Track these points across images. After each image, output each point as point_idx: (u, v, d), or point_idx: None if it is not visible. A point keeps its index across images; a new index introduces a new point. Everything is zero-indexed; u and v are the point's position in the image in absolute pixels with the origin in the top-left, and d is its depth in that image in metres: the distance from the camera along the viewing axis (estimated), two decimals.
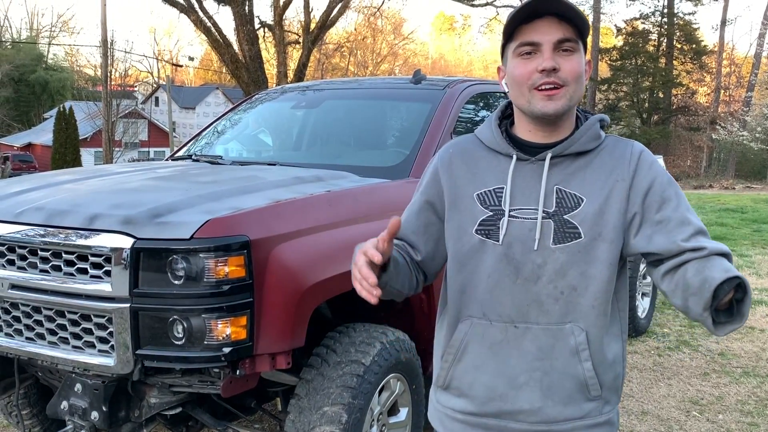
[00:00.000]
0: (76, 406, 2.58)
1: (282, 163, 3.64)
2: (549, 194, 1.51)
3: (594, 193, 1.50)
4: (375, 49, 52.05)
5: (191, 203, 2.57)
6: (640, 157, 1.54)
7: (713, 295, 1.35)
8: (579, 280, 1.49)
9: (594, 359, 1.52)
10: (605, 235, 1.49)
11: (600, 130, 1.57)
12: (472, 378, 1.57)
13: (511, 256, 1.51)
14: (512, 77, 1.52)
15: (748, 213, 14.11)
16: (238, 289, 2.36)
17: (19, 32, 58.39)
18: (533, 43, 1.48)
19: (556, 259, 1.49)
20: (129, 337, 2.37)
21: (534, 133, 1.55)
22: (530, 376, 1.52)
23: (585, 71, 1.52)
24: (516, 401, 1.53)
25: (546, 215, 1.49)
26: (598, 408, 1.55)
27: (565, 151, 1.52)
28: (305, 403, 2.65)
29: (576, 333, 1.50)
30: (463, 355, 1.58)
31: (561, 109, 1.48)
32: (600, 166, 1.53)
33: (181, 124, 52.14)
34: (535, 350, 1.51)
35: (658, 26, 37.31)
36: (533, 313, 1.51)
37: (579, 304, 1.50)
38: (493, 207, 1.53)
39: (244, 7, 16.06)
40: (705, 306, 1.37)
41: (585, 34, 1.51)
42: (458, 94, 3.80)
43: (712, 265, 1.39)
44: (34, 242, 2.55)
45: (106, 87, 29.32)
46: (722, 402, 4.22)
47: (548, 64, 1.45)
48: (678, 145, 35.65)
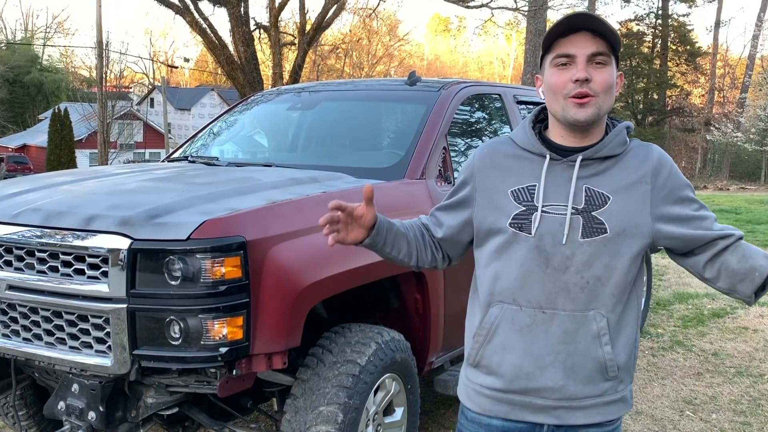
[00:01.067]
0: (73, 407, 2.59)
1: (278, 164, 3.66)
2: (578, 192, 1.66)
3: (619, 192, 1.65)
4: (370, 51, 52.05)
5: (188, 204, 2.59)
6: (660, 161, 1.70)
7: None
8: (603, 271, 1.64)
9: (613, 343, 1.67)
10: (628, 231, 1.64)
11: (626, 137, 1.72)
12: (500, 358, 1.71)
13: (542, 247, 1.65)
14: (548, 85, 1.68)
15: (743, 214, 14.17)
16: (234, 289, 2.38)
17: (13, 33, 58.29)
18: (569, 55, 1.63)
19: (583, 252, 1.63)
20: (126, 337, 2.38)
21: (566, 138, 1.71)
22: (555, 357, 1.66)
23: (616, 83, 1.68)
24: (541, 379, 1.67)
25: (575, 211, 1.64)
26: (614, 387, 1.70)
27: (595, 155, 1.67)
28: (301, 403, 2.66)
29: (598, 319, 1.65)
30: (493, 337, 1.72)
31: (591, 117, 1.63)
32: (625, 168, 1.68)
33: (176, 125, 52.05)
34: (561, 334, 1.65)
35: (652, 28, 37.44)
36: (560, 300, 1.65)
37: (602, 293, 1.65)
38: (526, 203, 1.68)
39: (240, 9, 16.05)
40: (755, 289, 1.66)
41: (617, 49, 1.66)
42: (453, 95, 3.82)
43: (751, 252, 1.67)
44: (32, 243, 2.56)
45: (102, 88, 29.26)
46: (715, 402, 4.25)
47: (581, 75, 1.61)
48: (672, 146, 35.73)
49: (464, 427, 1.82)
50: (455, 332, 3.09)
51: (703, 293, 7.00)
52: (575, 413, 1.69)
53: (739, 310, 6.44)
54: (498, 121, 4.26)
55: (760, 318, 6.18)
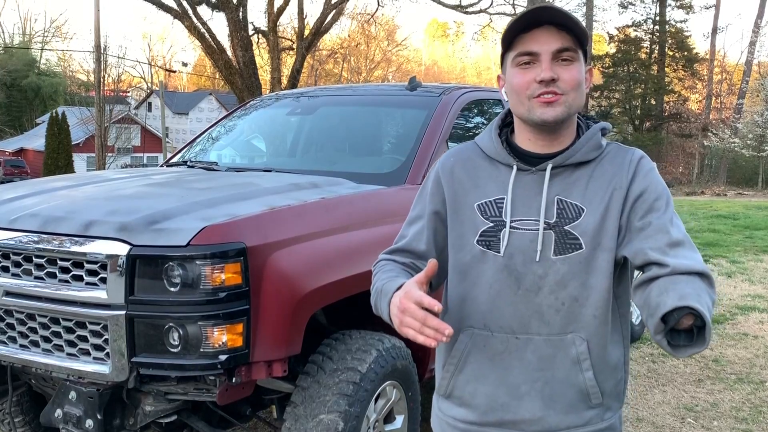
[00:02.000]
0: (70, 414, 2.56)
1: (278, 169, 3.64)
2: (550, 205, 1.50)
3: (594, 202, 1.49)
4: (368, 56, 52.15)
5: (187, 210, 2.57)
6: (638, 164, 1.53)
7: (665, 319, 1.32)
8: (580, 290, 1.49)
9: (595, 368, 1.52)
10: (605, 245, 1.48)
11: (601, 140, 1.56)
12: (473, 388, 1.58)
13: (512, 267, 1.50)
14: (511, 86, 1.51)
15: (740, 219, 14.17)
16: (234, 296, 2.35)
17: (11, 37, 58.28)
18: (532, 53, 1.47)
19: (557, 270, 1.48)
20: (124, 344, 2.36)
21: (534, 142, 1.54)
22: (531, 386, 1.52)
23: (585, 80, 1.52)
24: (518, 411, 1.54)
25: (547, 226, 1.49)
26: (599, 414, 1.56)
27: (566, 161, 1.51)
28: (301, 411, 2.64)
29: (577, 343, 1.50)
30: (464, 366, 1.58)
31: (560, 116, 1.47)
32: (601, 175, 1.52)
33: (174, 129, 52.05)
34: (536, 361, 1.51)
35: (650, 34, 37.55)
36: (534, 324, 1.51)
37: (580, 315, 1.50)
38: (494, 218, 1.53)
39: (238, 13, 16.06)
40: (656, 330, 1.33)
41: (584, 42, 1.50)
42: (454, 101, 3.81)
43: (674, 288, 1.34)
44: (29, 249, 2.54)
45: (99, 92, 29.25)
46: (717, 409, 4.23)
47: (546, 75, 1.45)
48: (670, 151, 35.83)
49: None
50: None
51: None
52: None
53: (739, 316, 6.42)
54: None
55: (760, 324, 6.16)
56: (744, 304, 6.86)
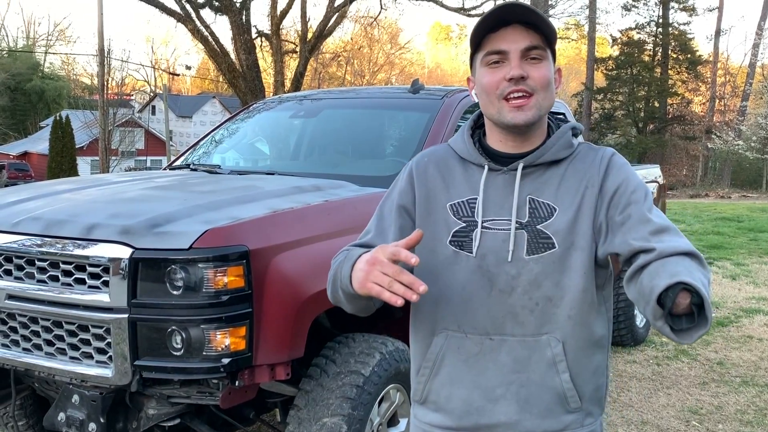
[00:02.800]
0: (73, 418, 2.56)
1: (281, 172, 3.63)
2: (522, 205, 1.49)
3: (566, 201, 1.48)
4: (372, 59, 52.21)
5: (190, 213, 2.56)
6: (610, 162, 1.52)
7: (661, 302, 1.27)
8: (554, 290, 1.47)
9: (572, 370, 1.50)
10: (578, 244, 1.47)
11: (572, 139, 1.55)
12: (448, 392, 1.55)
13: (485, 267, 1.48)
14: (481, 86, 1.51)
15: (745, 222, 14.14)
16: (237, 299, 2.35)
17: (15, 41, 58.44)
18: (500, 52, 1.46)
19: (530, 270, 1.47)
20: (127, 347, 2.35)
21: (505, 143, 1.54)
22: (507, 388, 1.50)
23: (555, 79, 1.52)
24: (493, 414, 1.51)
25: (519, 226, 1.48)
26: (578, 420, 1.53)
27: (536, 161, 1.51)
28: (305, 414, 2.63)
29: (552, 344, 1.48)
30: (439, 369, 1.55)
31: (531, 119, 1.47)
32: (572, 175, 1.51)
33: (177, 132, 52.13)
34: (512, 362, 1.49)
35: (653, 36, 37.48)
36: (509, 324, 1.48)
37: (555, 315, 1.48)
38: (466, 218, 1.52)
39: (242, 17, 16.10)
40: (655, 316, 1.28)
41: (553, 41, 1.50)
42: (456, 103, 3.80)
43: (664, 269, 1.30)
44: (32, 252, 2.53)
45: (103, 96, 29.30)
46: (722, 411, 4.21)
47: (516, 72, 1.44)
48: (674, 154, 35.77)
49: None
50: None
51: None
52: None
53: (744, 318, 6.40)
54: None
55: (765, 327, 6.14)
56: (749, 307, 6.84)
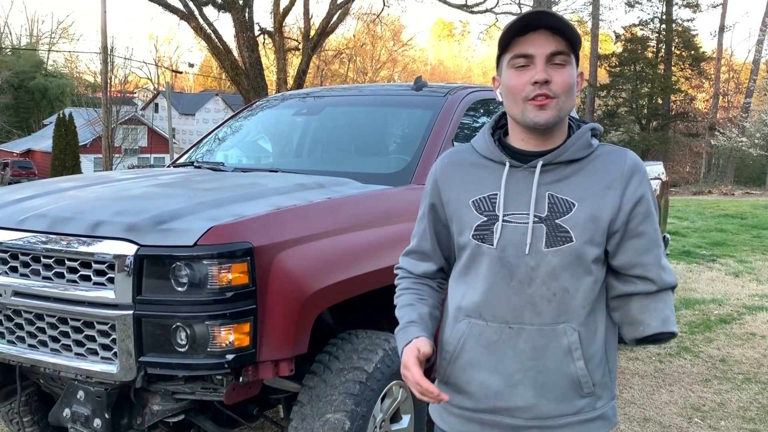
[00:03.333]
0: (78, 414, 2.57)
1: (284, 169, 3.64)
2: (541, 199, 1.57)
3: (586, 198, 1.57)
4: (374, 56, 52.16)
5: (194, 210, 2.58)
6: (634, 169, 1.61)
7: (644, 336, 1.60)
8: (571, 282, 1.56)
9: (586, 357, 1.59)
10: (595, 239, 1.56)
11: (591, 139, 1.63)
12: (468, 376, 1.65)
13: (505, 259, 1.58)
14: (506, 88, 1.59)
15: (748, 219, 14.11)
16: (241, 295, 2.36)
17: (19, 39, 58.52)
18: (527, 55, 1.55)
19: (548, 262, 1.56)
20: (132, 344, 2.37)
21: (527, 141, 1.62)
22: (524, 374, 1.59)
23: (576, 83, 1.60)
24: (510, 398, 1.60)
25: (538, 220, 1.56)
26: (590, 404, 1.62)
27: (556, 159, 1.59)
28: (308, 410, 2.64)
29: (569, 333, 1.57)
30: (460, 354, 1.65)
31: (551, 120, 1.55)
32: (593, 173, 1.59)
33: (180, 130, 52.16)
34: (529, 350, 1.58)
35: (656, 33, 37.43)
36: (527, 314, 1.57)
37: (571, 305, 1.57)
38: (487, 212, 1.61)
39: (244, 14, 16.10)
40: (633, 340, 1.61)
41: (577, 47, 1.58)
42: (459, 100, 3.80)
43: (654, 308, 1.58)
44: (37, 249, 2.55)
45: (106, 93, 29.35)
46: (724, 408, 4.22)
47: (540, 77, 1.52)
48: (677, 151, 35.74)
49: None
50: None
51: (709, 299, 6.97)
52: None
53: (746, 316, 6.40)
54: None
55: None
56: (752, 304, 6.84)
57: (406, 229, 3.13)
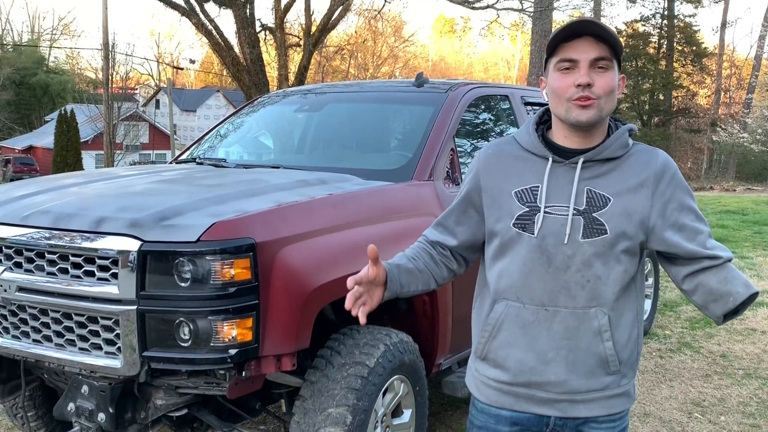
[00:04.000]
0: (83, 408, 2.60)
1: (286, 166, 3.66)
2: (580, 194, 1.70)
3: (621, 194, 1.69)
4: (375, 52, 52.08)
5: (197, 206, 2.59)
6: (665, 167, 1.73)
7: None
8: (603, 270, 1.69)
9: (614, 338, 1.72)
10: (628, 232, 1.69)
11: (629, 139, 1.76)
12: (505, 353, 1.77)
13: (544, 247, 1.70)
14: (552, 89, 1.72)
15: (749, 215, 14.11)
16: (244, 291, 2.38)
17: (20, 35, 58.51)
18: (572, 60, 1.67)
19: (584, 252, 1.68)
20: (136, 339, 2.39)
21: (570, 139, 1.75)
22: (557, 353, 1.72)
23: (618, 86, 1.72)
24: (544, 374, 1.74)
25: (576, 212, 1.69)
26: (616, 381, 1.76)
27: (596, 157, 1.71)
28: (310, 405, 2.66)
29: (599, 317, 1.70)
30: (498, 332, 1.78)
31: (593, 119, 1.67)
32: (627, 171, 1.72)
33: (182, 126, 52.14)
34: (563, 331, 1.71)
35: (658, 28, 37.36)
36: (562, 298, 1.70)
37: (603, 292, 1.70)
38: (529, 203, 1.73)
39: (245, 10, 16.07)
40: (725, 311, 1.68)
41: (619, 53, 1.69)
42: (461, 97, 3.81)
43: (733, 277, 1.68)
44: (41, 245, 2.57)
45: (108, 90, 29.36)
46: (724, 404, 4.24)
47: (584, 80, 1.65)
48: (678, 147, 35.66)
49: (475, 418, 1.87)
50: (463, 334, 3.08)
51: None
52: (578, 406, 1.74)
53: (747, 311, 6.41)
54: (506, 122, 4.26)
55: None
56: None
57: (407, 225, 3.17)
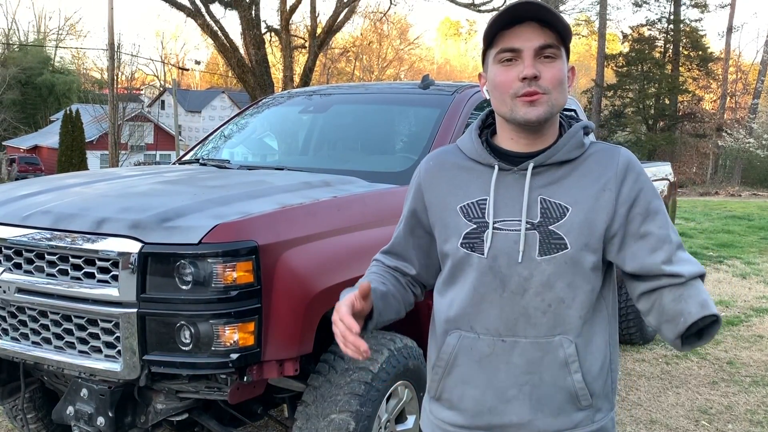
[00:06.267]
0: (82, 411, 2.56)
1: (290, 167, 3.63)
2: (533, 205, 1.48)
3: (580, 201, 1.48)
4: (381, 54, 52.15)
5: (199, 208, 2.56)
6: (627, 167, 1.51)
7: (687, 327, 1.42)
8: (566, 291, 1.47)
9: (584, 369, 1.50)
10: (591, 245, 1.47)
11: (583, 138, 1.54)
12: (461, 391, 1.56)
13: (496, 269, 1.48)
14: (493, 84, 1.50)
15: (755, 220, 14.05)
16: (246, 294, 2.34)
17: (26, 35, 58.71)
18: (514, 50, 1.45)
19: (542, 271, 1.46)
20: (136, 342, 2.35)
21: (516, 141, 1.53)
22: (519, 389, 1.50)
23: (568, 78, 1.50)
24: (505, 414, 1.52)
25: (531, 226, 1.47)
26: (589, 416, 1.54)
27: (548, 160, 1.50)
28: (312, 410, 2.63)
29: (565, 345, 1.48)
30: (452, 368, 1.56)
31: (543, 116, 1.46)
32: (586, 174, 1.50)
33: (186, 127, 52.25)
34: (524, 364, 1.49)
35: (664, 33, 37.26)
36: (521, 326, 1.48)
37: (567, 316, 1.48)
38: (476, 219, 1.51)
39: (251, 12, 16.08)
40: (677, 335, 1.43)
41: (567, 39, 1.49)
42: (467, 99, 3.78)
43: (689, 295, 1.42)
44: (41, 246, 2.54)
45: (113, 90, 29.40)
46: (731, 411, 4.19)
47: (529, 72, 1.43)
48: (684, 151, 35.56)
49: None
50: None
51: (716, 301, 6.92)
52: None
53: (754, 318, 6.36)
54: None
55: None
56: (759, 306, 6.79)
57: None
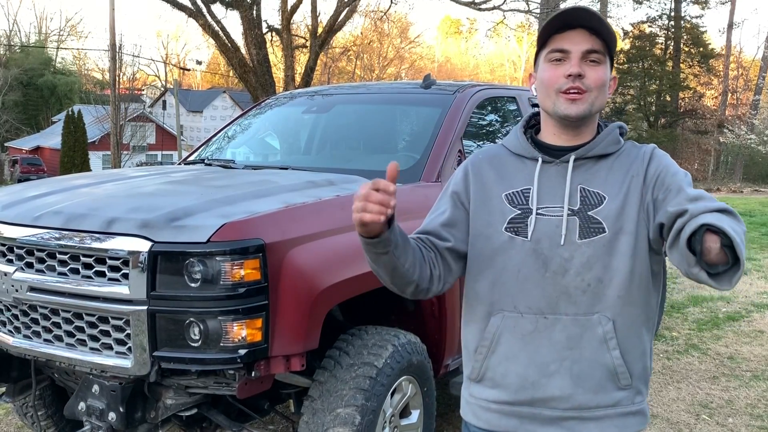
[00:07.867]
0: (93, 407, 2.61)
1: (294, 167, 3.67)
2: (573, 193, 1.61)
3: (615, 191, 1.60)
4: (381, 53, 52.14)
5: (207, 207, 2.61)
6: (652, 153, 1.65)
7: (692, 249, 1.37)
8: (604, 272, 1.58)
9: (622, 348, 1.60)
10: (626, 228, 1.58)
11: (619, 136, 1.69)
12: (505, 368, 1.65)
13: (539, 251, 1.60)
14: (541, 81, 1.65)
15: (757, 217, 14.07)
16: (253, 291, 2.39)
17: (27, 36, 58.79)
18: (563, 51, 1.60)
19: (582, 253, 1.58)
20: (146, 339, 2.40)
21: (558, 136, 1.68)
22: (560, 364, 1.60)
23: (609, 84, 1.65)
24: (547, 389, 1.61)
25: (571, 212, 1.60)
26: (629, 397, 1.63)
27: (587, 154, 1.64)
28: (318, 405, 2.68)
29: (603, 322, 1.58)
30: (496, 347, 1.66)
31: (582, 113, 1.60)
32: (619, 167, 1.63)
33: (188, 127, 52.26)
34: (565, 339, 1.60)
35: (665, 29, 37.26)
36: (562, 304, 1.59)
37: (605, 295, 1.58)
38: (521, 206, 1.64)
39: (252, 12, 16.11)
40: (690, 263, 1.39)
41: (612, 48, 1.63)
42: (468, 98, 3.82)
43: (693, 221, 1.38)
44: (52, 245, 2.59)
45: (114, 90, 29.44)
46: (732, 405, 4.23)
47: (575, 70, 1.58)
48: (685, 148, 35.55)
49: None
50: None
51: (717, 296, 6.96)
52: (588, 424, 1.60)
53: (755, 313, 6.40)
54: (513, 124, 4.26)
55: None
56: (760, 302, 6.83)
57: (415, 226, 3.16)
